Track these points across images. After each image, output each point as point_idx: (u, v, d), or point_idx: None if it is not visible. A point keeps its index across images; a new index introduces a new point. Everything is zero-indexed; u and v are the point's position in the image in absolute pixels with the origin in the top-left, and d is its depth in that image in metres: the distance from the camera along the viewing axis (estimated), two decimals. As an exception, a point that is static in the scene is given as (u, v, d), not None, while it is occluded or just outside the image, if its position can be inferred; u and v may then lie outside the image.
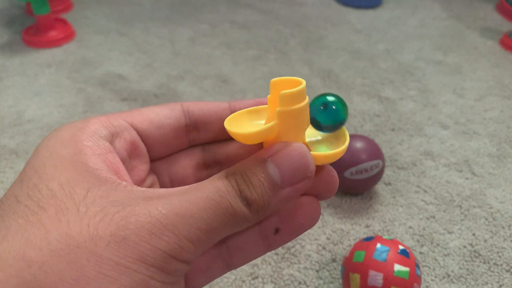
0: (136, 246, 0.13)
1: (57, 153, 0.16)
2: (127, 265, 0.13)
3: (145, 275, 0.13)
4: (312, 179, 0.16)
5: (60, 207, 0.14)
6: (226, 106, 0.20)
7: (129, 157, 0.19)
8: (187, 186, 0.15)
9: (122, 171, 0.17)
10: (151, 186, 0.20)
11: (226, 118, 0.18)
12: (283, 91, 0.16)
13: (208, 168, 0.21)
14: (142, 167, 0.19)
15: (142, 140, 0.19)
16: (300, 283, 0.49)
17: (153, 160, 0.20)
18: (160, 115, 0.19)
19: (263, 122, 0.18)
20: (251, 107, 0.19)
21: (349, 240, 0.54)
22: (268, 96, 0.18)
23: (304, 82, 0.16)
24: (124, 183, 0.15)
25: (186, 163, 0.21)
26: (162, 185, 0.21)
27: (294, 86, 0.16)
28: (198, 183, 0.16)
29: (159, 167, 0.21)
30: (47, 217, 0.14)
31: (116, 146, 0.18)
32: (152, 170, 0.20)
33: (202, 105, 0.20)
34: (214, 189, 0.15)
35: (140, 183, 0.19)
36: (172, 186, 0.21)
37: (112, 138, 0.17)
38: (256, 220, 0.16)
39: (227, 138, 0.20)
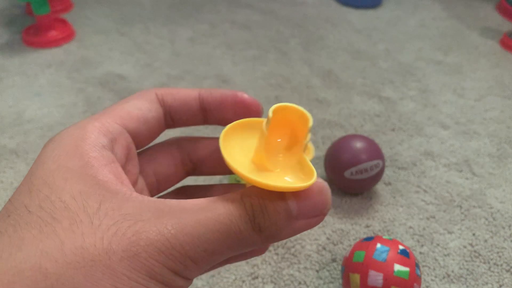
0: (146, 262, 0.14)
1: (64, 166, 0.16)
2: (138, 281, 0.14)
3: None
4: (325, 216, 0.17)
5: (74, 219, 0.14)
6: (196, 96, 0.20)
7: (126, 163, 0.19)
8: (200, 202, 0.15)
9: (125, 181, 0.17)
10: (142, 188, 0.20)
11: (195, 106, 0.19)
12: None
13: (185, 167, 0.22)
14: (134, 170, 0.20)
15: (133, 139, 0.19)
16: (300, 283, 0.49)
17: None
18: (143, 110, 0.19)
19: (255, 139, 0.18)
20: (225, 96, 0.20)
21: (349, 240, 0.54)
22: (265, 122, 0.17)
23: (310, 122, 0.17)
24: (135, 194, 0.16)
25: (168, 163, 0.21)
26: (149, 185, 0.21)
27: (298, 116, 0.16)
28: (211, 200, 0.16)
29: (145, 167, 0.21)
30: (61, 228, 0.14)
31: (117, 153, 0.18)
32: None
33: (174, 94, 0.20)
34: (225, 212, 0.15)
35: (133, 186, 0.19)
36: (159, 184, 0.21)
37: (111, 145, 0.18)
38: (264, 245, 0.16)
39: (198, 124, 0.21)
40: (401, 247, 0.43)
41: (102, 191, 0.15)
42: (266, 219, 0.15)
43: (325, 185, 0.16)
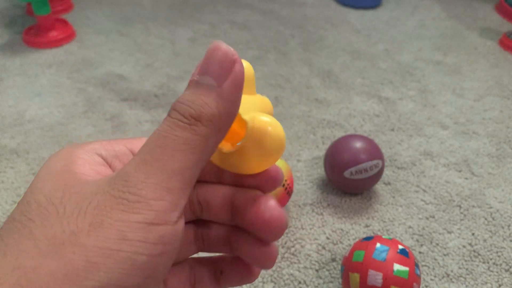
0: (113, 227, 0.14)
1: (49, 169, 0.16)
2: (110, 247, 0.14)
3: (128, 252, 0.14)
4: (240, 62, 0.16)
5: (44, 215, 0.15)
6: None
7: None
8: (140, 148, 0.16)
9: None
10: None
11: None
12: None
13: (192, 206, 0.21)
14: None
15: None
16: (300, 282, 0.49)
17: None
18: None
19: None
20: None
21: (348, 239, 0.54)
22: None
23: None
24: (97, 177, 0.16)
25: None
26: None
27: None
28: (148, 137, 0.16)
29: None
30: (35, 227, 0.15)
31: (116, 168, 0.18)
32: None
33: None
34: (157, 135, 0.15)
35: None
36: None
37: (111, 160, 0.18)
38: (218, 133, 0.16)
39: (218, 181, 0.20)
40: (400, 246, 0.43)
41: (70, 181, 0.16)
42: (194, 107, 0.15)
43: (215, 42, 0.16)
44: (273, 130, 0.17)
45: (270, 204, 0.18)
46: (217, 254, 0.22)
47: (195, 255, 0.21)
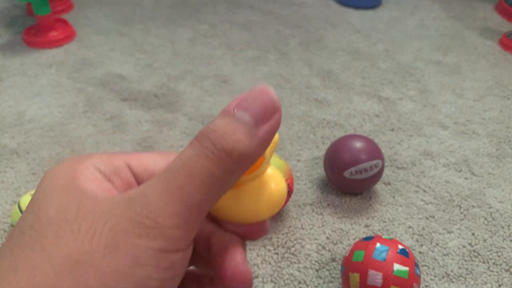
0: (128, 251, 0.14)
1: (54, 184, 0.16)
2: (124, 271, 0.14)
3: (142, 276, 0.14)
4: (280, 113, 0.16)
5: (57, 231, 0.15)
6: None
7: None
8: (162, 171, 0.15)
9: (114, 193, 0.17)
10: None
11: None
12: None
13: None
14: None
15: (138, 184, 0.19)
16: (300, 282, 0.49)
17: None
18: (157, 165, 0.19)
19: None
20: None
21: (348, 239, 0.54)
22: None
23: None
24: (104, 193, 0.16)
25: None
26: None
27: None
28: (172, 160, 0.15)
29: None
30: (48, 243, 0.14)
31: (115, 183, 0.18)
32: None
33: None
34: (184, 164, 0.15)
35: None
36: None
37: (110, 175, 0.18)
38: (242, 171, 0.16)
39: None
40: (400, 246, 0.43)
41: (81, 197, 0.15)
42: (228, 140, 0.15)
43: (263, 86, 0.16)
44: (277, 183, 0.18)
45: (236, 260, 0.17)
46: None
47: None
